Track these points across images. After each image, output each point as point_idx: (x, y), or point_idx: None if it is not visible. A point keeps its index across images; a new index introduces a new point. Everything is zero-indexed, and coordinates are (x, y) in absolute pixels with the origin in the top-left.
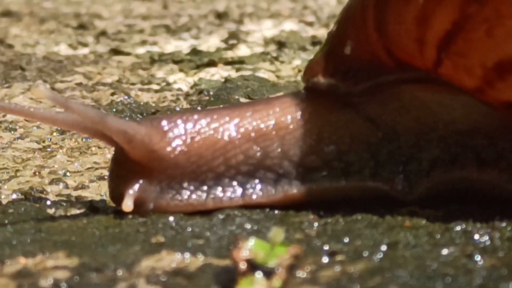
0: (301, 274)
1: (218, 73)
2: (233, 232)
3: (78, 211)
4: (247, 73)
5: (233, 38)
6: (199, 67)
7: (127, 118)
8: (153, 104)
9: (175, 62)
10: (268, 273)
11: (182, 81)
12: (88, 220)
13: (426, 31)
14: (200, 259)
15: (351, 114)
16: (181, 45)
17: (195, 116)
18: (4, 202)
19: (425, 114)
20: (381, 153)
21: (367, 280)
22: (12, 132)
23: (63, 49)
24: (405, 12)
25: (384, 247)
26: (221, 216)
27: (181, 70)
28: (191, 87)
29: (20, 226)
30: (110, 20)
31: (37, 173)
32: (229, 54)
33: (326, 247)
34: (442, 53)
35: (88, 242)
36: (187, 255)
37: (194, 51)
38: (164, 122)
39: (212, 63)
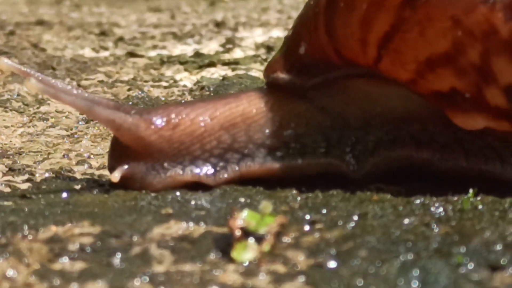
0: (286, 239)
1: (217, 72)
2: (229, 205)
3: (100, 188)
4: (241, 72)
5: (230, 43)
6: (201, 67)
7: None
8: (163, 98)
9: (181, 63)
10: (259, 239)
11: (187, 79)
12: (109, 195)
13: (368, 32)
14: (202, 227)
15: (306, 104)
16: (186, 49)
17: (178, 109)
18: (38, 179)
19: (368, 104)
20: (332, 136)
21: (341, 245)
22: (45, 121)
23: (87, 52)
24: (351, 17)
25: (355, 217)
26: (219, 191)
27: (186, 70)
28: (194, 84)
29: (51, 200)
30: (126, 28)
31: (65, 156)
32: (226, 57)
33: (307, 217)
34: (381, 51)
35: (109, 213)
36: (191, 224)
37: (197, 54)
38: (151, 114)
39: (212, 64)
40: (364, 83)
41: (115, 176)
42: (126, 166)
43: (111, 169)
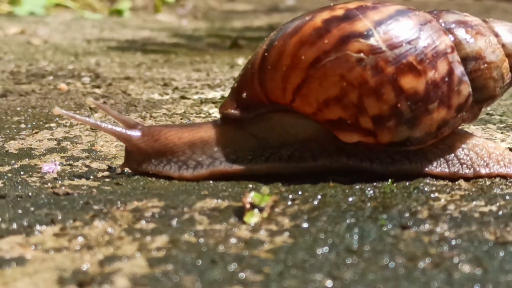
0: (277, 210)
1: None
2: (242, 189)
3: (164, 178)
4: None
5: None
6: None
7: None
8: None
9: (213, 103)
10: (261, 210)
11: (217, 113)
12: (170, 183)
13: (286, 84)
14: (226, 202)
15: (242, 132)
16: (216, 94)
17: (159, 128)
18: (127, 174)
19: (284, 130)
20: (256, 151)
21: (311, 213)
22: None
23: (156, 96)
24: (275, 75)
25: (319, 196)
26: (236, 181)
27: (216, 107)
28: None
29: (134, 185)
30: (180, 81)
31: None
32: None
33: (290, 197)
34: (295, 95)
35: (169, 194)
36: (220, 200)
37: (223, 97)
38: (141, 130)
39: None
40: (283, 116)
41: (118, 167)
42: (125, 160)
43: None
